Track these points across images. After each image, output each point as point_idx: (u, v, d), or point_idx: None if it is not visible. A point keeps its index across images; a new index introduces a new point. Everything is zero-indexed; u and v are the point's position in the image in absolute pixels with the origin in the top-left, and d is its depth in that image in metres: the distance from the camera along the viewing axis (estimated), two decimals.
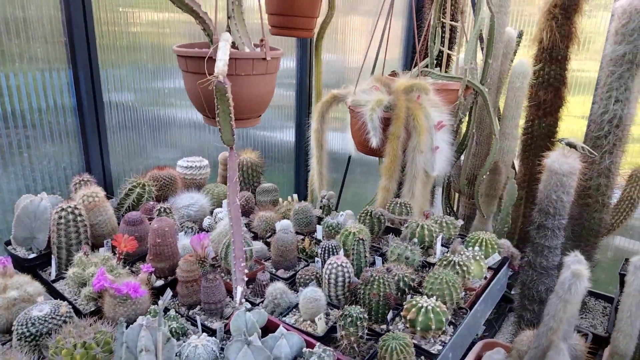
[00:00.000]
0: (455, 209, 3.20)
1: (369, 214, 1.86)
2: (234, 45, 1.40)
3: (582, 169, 2.14)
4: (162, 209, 1.78)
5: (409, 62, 3.84)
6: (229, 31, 1.39)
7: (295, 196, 2.18)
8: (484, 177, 2.52)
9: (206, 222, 1.90)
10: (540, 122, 2.93)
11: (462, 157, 2.74)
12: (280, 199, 2.17)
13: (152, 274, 1.55)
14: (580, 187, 2.48)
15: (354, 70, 3.47)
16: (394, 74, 2.56)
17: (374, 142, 2.03)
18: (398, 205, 1.96)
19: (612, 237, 3.02)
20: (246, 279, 1.45)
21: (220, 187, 2.15)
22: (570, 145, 2.07)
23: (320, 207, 2.13)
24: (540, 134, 2.92)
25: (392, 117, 2.00)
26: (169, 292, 1.27)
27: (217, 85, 1.14)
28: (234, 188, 1.32)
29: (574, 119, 3.18)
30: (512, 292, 2.69)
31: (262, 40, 1.36)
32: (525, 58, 2.64)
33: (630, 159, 2.77)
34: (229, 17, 1.40)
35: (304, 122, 2.99)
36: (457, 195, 3.19)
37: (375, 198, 2.16)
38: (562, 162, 2.02)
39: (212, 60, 1.21)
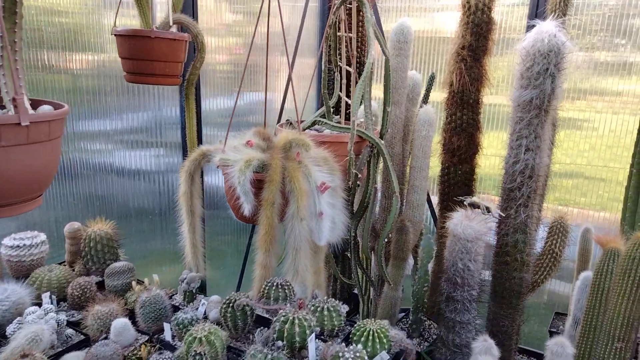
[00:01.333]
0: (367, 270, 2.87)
1: (230, 304, 1.47)
2: None
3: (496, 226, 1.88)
4: None
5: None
6: None
7: (155, 277, 1.76)
8: (387, 238, 2.20)
9: (11, 327, 1.43)
10: (456, 169, 2.70)
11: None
12: (133, 283, 1.74)
13: None
14: (498, 244, 2.23)
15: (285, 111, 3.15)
16: (287, 124, 2.25)
17: (246, 209, 1.66)
18: (274, 287, 1.59)
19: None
20: None
21: (56, 271, 1.70)
22: (474, 205, 1.80)
23: (183, 293, 1.72)
24: (457, 182, 2.69)
25: (266, 180, 1.65)
26: None
27: None
28: None
29: (494, 158, 3.00)
30: None
31: (13, 99, 0.97)
32: (429, 105, 2.40)
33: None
34: None
35: None
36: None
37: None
38: (466, 227, 1.73)
39: None
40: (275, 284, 1.60)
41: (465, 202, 1.81)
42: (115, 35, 1.77)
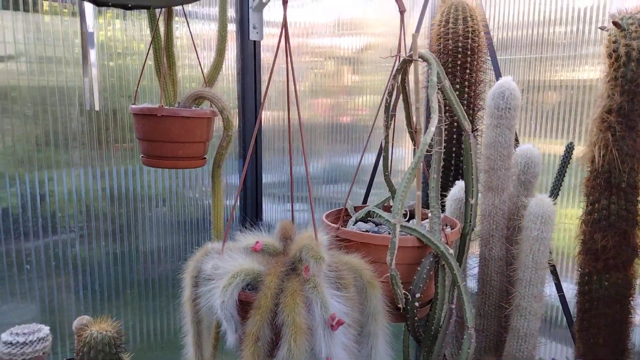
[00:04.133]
0: None
1: None
2: None
3: None
4: None
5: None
6: None
7: None
8: None
9: None
10: (601, 278, 1.92)
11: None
12: None
13: None
14: None
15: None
16: (343, 214, 1.79)
17: (230, 338, 1.25)
18: None
19: None
20: None
21: None
22: None
23: None
24: (604, 296, 1.90)
25: (253, 306, 1.22)
26: None
27: None
28: None
29: None
30: None
31: None
32: (544, 195, 1.70)
33: None
34: None
35: None
36: None
37: None
38: None
39: None
40: None
41: None
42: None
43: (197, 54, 1.70)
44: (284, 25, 1.21)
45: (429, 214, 1.48)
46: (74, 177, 1.99)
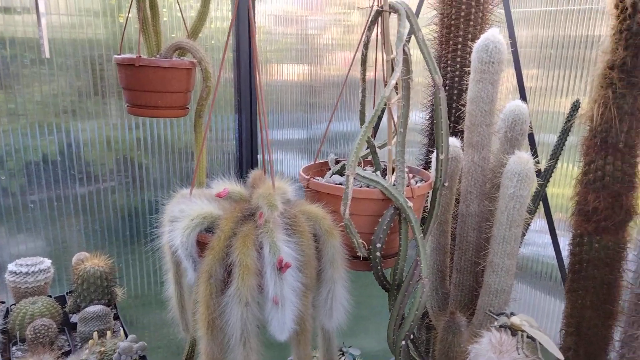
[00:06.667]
0: None
1: None
2: None
3: None
4: None
5: None
6: None
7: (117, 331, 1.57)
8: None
9: None
10: (591, 240, 1.90)
11: None
12: (108, 333, 1.58)
13: None
14: None
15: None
16: (317, 167, 1.83)
17: (190, 275, 1.35)
18: None
19: None
20: None
21: (39, 304, 1.66)
22: (510, 330, 1.10)
23: None
24: (594, 258, 1.90)
25: (209, 245, 1.30)
26: None
27: None
28: None
29: None
30: None
31: None
32: (525, 152, 1.66)
33: None
34: None
35: None
36: None
37: None
38: None
39: None
40: None
41: (495, 324, 1.13)
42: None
43: (178, 4, 1.73)
44: None
45: (396, 168, 1.49)
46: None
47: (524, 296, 2.65)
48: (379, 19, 1.47)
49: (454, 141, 1.82)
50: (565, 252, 2.24)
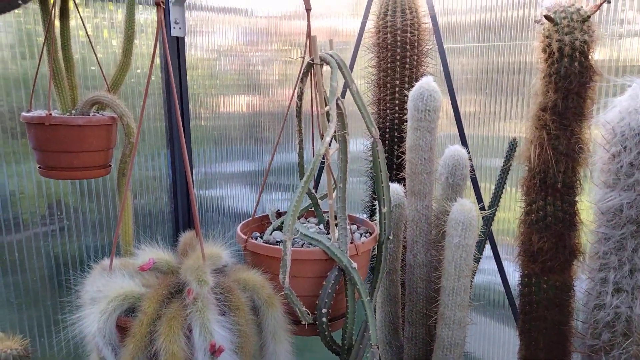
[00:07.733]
0: None
1: None
2: None
3: None
4: None
5: None
6: None
7: None
8: None
9: None
10: (539, 281, 1.87)
11: None
12: None
13: None
14: None
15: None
16: (257, 221, 1.71)
17: None
18: None
19: None
20: None
21: None
22: None
23: None
24: (544, 299, 1.86)
25: (130, 332, 1.14)
26: None
27: None
28: None
29: None
30: None
31: None
32: (467, 200, 1.62)
33: None
34: None
35: None
36: None
37: None
38: None
39: None
40: None
41: None
42: None
43: (95, 55, 1.59)
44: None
45: (338, 225, 1.40)
46: None
47: (479, 327, 2.60)
48: (311, 70, 1.40)
49: (397, 188, 1.76)
50: (515, 291, 2.22)
